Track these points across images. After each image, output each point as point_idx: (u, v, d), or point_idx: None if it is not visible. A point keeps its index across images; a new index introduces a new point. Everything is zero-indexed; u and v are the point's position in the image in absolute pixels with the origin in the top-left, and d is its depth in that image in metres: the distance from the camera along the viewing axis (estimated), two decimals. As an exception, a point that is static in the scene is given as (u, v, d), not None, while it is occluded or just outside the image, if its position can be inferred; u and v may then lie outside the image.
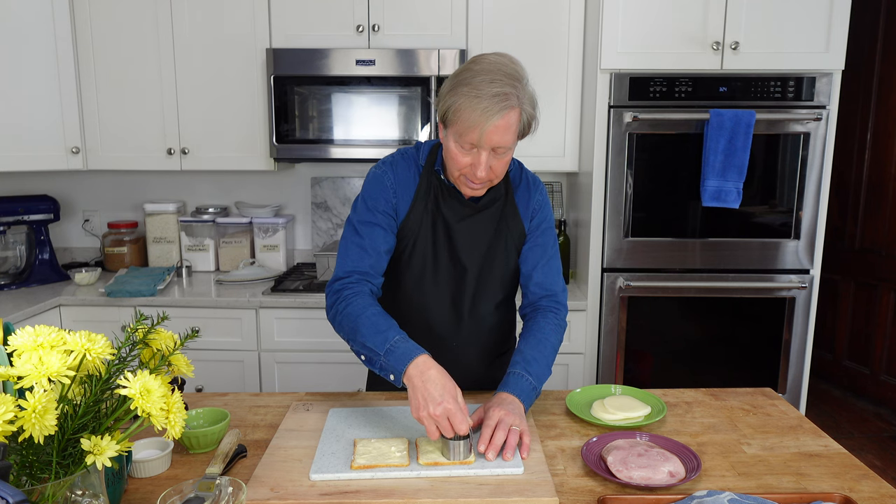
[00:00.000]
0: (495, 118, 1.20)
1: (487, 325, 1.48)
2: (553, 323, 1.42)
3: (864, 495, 1.07)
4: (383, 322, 1.25)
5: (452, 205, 1.40)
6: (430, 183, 1.40)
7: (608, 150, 2.35)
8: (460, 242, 1.41)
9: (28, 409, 0.73)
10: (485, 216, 1.42)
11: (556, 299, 1.46)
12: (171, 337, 0.95)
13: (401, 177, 1.40)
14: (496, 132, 1.22)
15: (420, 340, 1.39)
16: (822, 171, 2.36)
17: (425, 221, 1.40)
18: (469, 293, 1.44)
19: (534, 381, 1.32)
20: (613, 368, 2.46)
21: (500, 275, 1.46)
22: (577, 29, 2.51)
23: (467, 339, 1.46)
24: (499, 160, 1.28)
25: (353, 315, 1.28)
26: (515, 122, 1.25)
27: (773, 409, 1.43)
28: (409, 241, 1.41)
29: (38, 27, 2.47)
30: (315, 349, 2.39)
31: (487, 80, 1.21)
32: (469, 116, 1.21)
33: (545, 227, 1.47)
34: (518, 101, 1.23)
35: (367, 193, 1.40)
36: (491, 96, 1.20)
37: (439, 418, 1.11)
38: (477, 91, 1.20)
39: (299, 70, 2.48)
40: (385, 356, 1.21)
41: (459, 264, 1.42)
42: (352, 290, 1.32)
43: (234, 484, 0.93)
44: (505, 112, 1.21)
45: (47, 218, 2.72)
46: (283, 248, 2.88)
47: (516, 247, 1.46)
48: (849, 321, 3.74)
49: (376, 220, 1.37)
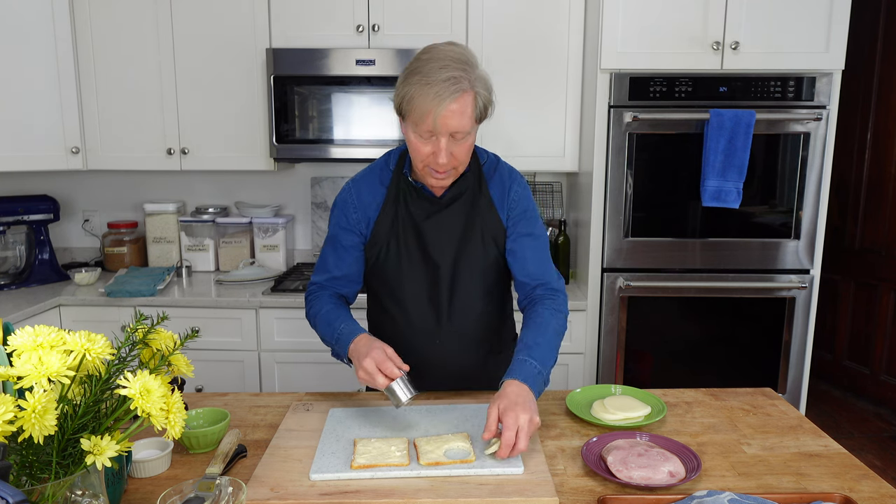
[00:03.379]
0: (447, 101, 1.22)
1: (471, 320, 1.47)
2: (550, 308, 1.40)
3: (864, 495, 1.07)
4: (334, 316, 1.41)
5: (419, 203, 1.43)
6: (398, 188, 1.44)
7: (608, 150, 2.35)
8: (429, 239, 1.43)
9: (28, 409, 0.73)
10: (452, 211, 1.43)
11: (551, 286, 1.45)
12: (171, 337, 0.95)
13: (364, 191, 1.46)
14: (451, 116, 1.24)
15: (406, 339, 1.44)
16: (822, 171, 2.36)
17: (395, 224, 1.44)
18: (445, 288, 1.44)
19: (538, 364, 1.28)
20: (613, 368, 2.46)
21: (478, 267, 1.45)
22: (577, 29, 2.51)
23: (450, 335, 1.46)
24: (459, 145, 1.30)
25: (313, 315, 1.47)
26: (470, 105, 1.26)
27: (773, 409, 1.43)
28: (383, 245, 1.45)
29: (38, 27, 2.46)
30: (315, 349, 2.38)
31: (437, 66, 1.23)
32: (422, 103, 1.23)
33: (528, 218, 1.46)
34: (470, 85, 1.25)
35: (333, 211, 1.51)
36: (442, 81, 1.22)
37: (368, 367, 1.22)
38: (427, 78, 1.23)
39: (299, 70, 2.48)
40: (336, 344, 1.37)
41: (431, 261, 1.43)
42: (314, 295, 1.50)
43: (234, 484, 0.93)
44: (457, 95, 1.23)
45: (47, 218, 2.72)
46: (283, 248, 2.88)
47: (494, 239, 1.45)
48: (849, 321, 3.74)
49: (339, 238, 1.48)
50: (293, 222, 3.01)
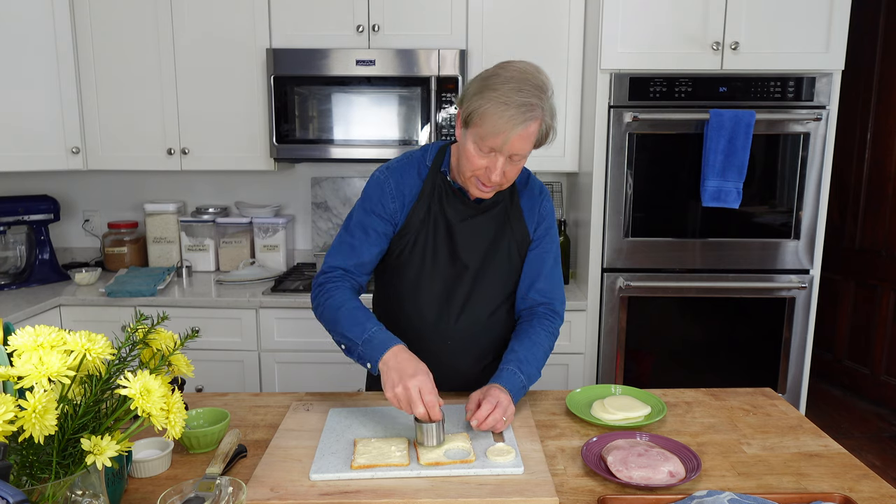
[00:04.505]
0: (519, 128, 1.23)
1: (482, 327, 1.48)
2: (548, 329, 1.45)
3: (864, 495, 1.07)
4: (362, 314, 1.33)
5: (455, 205, 1.42)
6: (434, 184, 1.43)
7: (608, 150, 2.35)
8: (461, 241, 1.43)
9: (28, 409, 0.73)
10: (487, 217, 1.44)
11: (553, 308, 1.49)
12: (171, 337, 0.95)
13: (402, 181, 1.43)
14: (518, 140, 1.25)
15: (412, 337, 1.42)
16: (822, 171, 2.36)
17: (427, 221, 1.42)
18: (464, 291, 1.44)
19: (524, 380, 1.35)
20: (613, 368, 2.46)
21: (500, 276, 1.47)
22: (577, 29, 2.51)
23: (460, 339, 1.46)
24: (513, 166, 1.31)
25: (334, 307, 1.35)
26: (536, 132, 1.27)
27: (773, 409, 1.43)
28: (410, 240, 1.43)
29: (38, 27, 2.47)
30: (315, 349, 2.39)
31: (516, 88, 1.23)
32: (495, 122, 1.23)
33: (551, 235, 1.51)
34: (542, 113, 1.26)
35: (365, 196, 1.45)
36: (518, 105, 1.22)
37: (411, 391, 1.16)
38: (505, 98, 1.23)
39: (299, 70, 2.48)
40: (363, 345, 1.28)
41: (459, 262, 1.43)
42: (334, 283, 1.39)
43: (234, 484, 0.93)
44: (529, 122, 1.24)
45: (47, 218, 2.72)
46: (283, 248, 2.88)
47: (519, 250, 1.47)
48: (849, 321, 3.74)
49: (369, 223, 1.42)
50: (293, 222, 3.02)
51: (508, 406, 1.24)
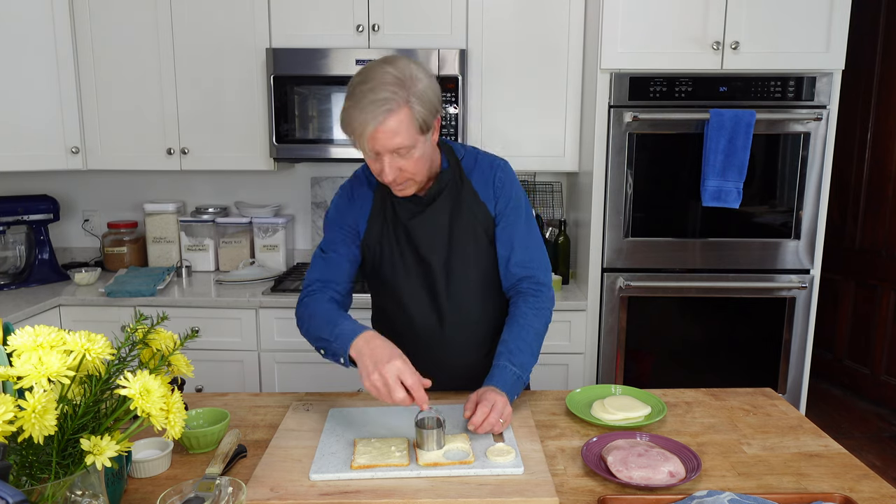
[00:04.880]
0: (372, 124, 1.22)
1: (474, 317, 1.47)
2: (534, 307, 1.41)
3: (864, 495, 1.07)
4: (333, 314, 1.36)
5: (404, 205, 1.44)
6: (384, 193, 1.45)
7: (608, 150, 2.35)
8: (419, 238, 1.43)
9: (28, 409, 0.73)
10: (435, 208, 1.43)
11: (537, 280, 1.45)
12: (171, 337, 0.95)
13: (356, 196, 1.48)
14: (384, 136, 1.24)
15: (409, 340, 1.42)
16: (822, 171, 2.36)
17: (385, 228, 1.45)
18: (441, 286, 1.44)
19: (518, 370, 1.33)
20: (613, 368, 2.46)
21: (471, 261, 1.44)
22: (577, 29, 2.51)
23: (454, 334, 1.46)
24: (406, 160, 1.29)
25: (308, 315, 1.40)
26: (406, 121, 1.24)
27: (773, 409, 1.43)
28: (377, 250, 1.46)
29: (37, 27, 2.46)
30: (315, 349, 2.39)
31: (367, 89, 1.23)
32: (353, 127, 1.25)
33: (514, 205, 1.45)
34: (403, 102, 1.23)
35: (329, 215, 1.51)
36: (368, 104, 1.22)
37: (388, 377, 1.16)
38: (356, 102, 1.24)
39: (299, 70, 2.48)
40: (334, 341, 1.30)
41: (423, 260, 1.44)
42: (311, 297, 1.44)
43: (234, 484, 0.93)
44: (384, 116, 1.22)
45: (47, 218, 2.72)
46: (283, 248, 2.88)
47: (485, 231, 1.44)
48: (849, 321, 3.74)
49: (337, 237, 1.48)
50: (293, 222, 3.01)
51: (504, 407, 1.23)
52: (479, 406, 1.22)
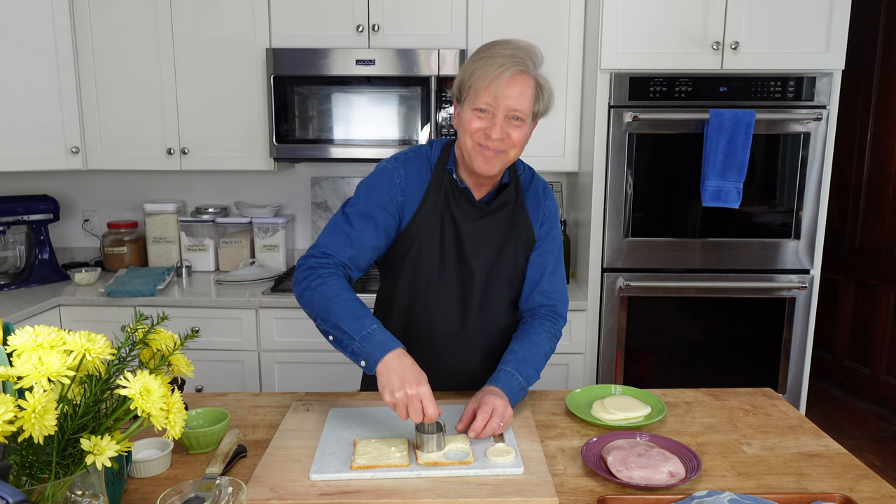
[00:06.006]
0: (509, 72, 1.24)
1: (497, 328, 1.47)
2: (549, 331, 1.44)
3: (864, 495, 1.07)
4: (359, 309, 1.26)
5: (463, 206, 1.39)
6: (440, 182, 1.39)
7: (608, 150, 2.35)
8: (469, 244, 1.40)
9: (28, 409, 0.73)
10: (496, 219, 1.41)
11: (556, 310, 1.47)
12: (171, 337, 0.95)
13: (412, 175, 1.38)
14: (512, 90, 1.25)
15: (422, 340, 1.41)
16: (822, 171, 2.36)
17: (434, 221, 1.38)
18: (477, 296, 1.43)
19: (523, 381, 1.34)
20: (613, 368, 2.46)
21: (509, 278, 1.45)
22: (577, 29, 2.51)
23: (474, 341, 1.45)
24: (516, 130, 1.30)
25: (328, 295, 1.27)
26: (531, 90, 1.28)
27: (773, 409, 1.43)
28: (416, 241, 1.39)
29: (37, 27, 2.46)
30: (315, 349, 2.39)
31: (503, 46, 1.28)
32: (485, 74, 1.25)
33: (554, 234, 1.49)
34: (533, 70, 1.28)
35: (371, 185, 1.37)
36: (505, 56, 1.25)
37: (413, 399, 1.15)
38: (491, 53, 1.27)
39: (299, 70, 2.48)
40: (360, 342, 1.21)
41: (467, 266, 1.41)
42: (328, 270, 1.31)
43: (234, 484, 0.93)
44: (519, 72, 1.26)
45: (47, 218, 2.72)
46: (283, 248, 2.88)
47: (525, 251, 1.46)
48: (849, 321, 3.74)
49: (372, 214, 1.35)
50: (293, 222, 3.01)
51: (505, 411, 1.22)
52: (479, 412, 1.21)
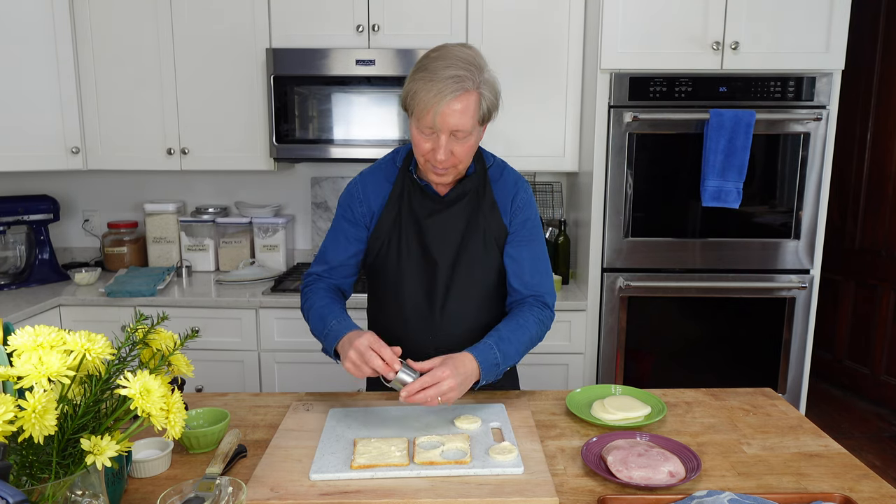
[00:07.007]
0: (448, 98, 1.24)
1: (467, 323, 1.46)
2: (537, 317, 1.43)
3: (864, 495, 1.07)
4: (327, 311, 1.40)
5: (422, 201, 1.44)
6: (403, 184, 1.45)
7: (608, 150, 2.35)
8: (430, 237, 1.43)
9: (28, 409, 0.73)
10: (455, 210, 1.44)
11: (543, 301, 1.47)
12: (171, 337, 0.95)
13: (369, 185, 1.48)
14: (451, 114, 1.26)
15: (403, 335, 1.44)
16: (822, 171, 2.36)
17: (398, 220, 1.45)
18: (441, 286, 1.44)
19: (500, 357, 1.33)
20: (613, 368, 2.46)
21: (477, 269, 1.45)
22: (577, 29, 2.51)
23: (447, 336, 1.46)
24: (460, 144, 1.31)
25: (307, 309, 1.46)
26: (473, 105, 1.27)
27: (773, 409, 1.43)
28: (383, 241, 1.46)
29: (38, 27, 2.46)
30: (315, 349, 2.36)
31: (444, 65, 1.26)
32: (424, 98, 1.25)
33: (531, 226, 1.47)
34: (475, 85, 1.27)
35: (340, 201, 1.52)
36: (445, 79, 1.24)
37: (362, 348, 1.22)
38: (432, 75, 1.25)
39: (299, 70, 2.48)
40: (324, 339, 1.37)
41: (430, 258, 1.44)
42: (310, 287, 1.50)
43: (234, 484, 0.93)
44: (459, 94, 1.25)
45: (47, 218, 2.72)
46: (283, 248, 2.88)
47: (496, 241, 1.45)
48: (849, 321, 3.74)
49: (340, 228, 1.50)
50: (293, 222, 3.01)
51: (449, 391, 1.21)
52: (423, 377, 1.21)
